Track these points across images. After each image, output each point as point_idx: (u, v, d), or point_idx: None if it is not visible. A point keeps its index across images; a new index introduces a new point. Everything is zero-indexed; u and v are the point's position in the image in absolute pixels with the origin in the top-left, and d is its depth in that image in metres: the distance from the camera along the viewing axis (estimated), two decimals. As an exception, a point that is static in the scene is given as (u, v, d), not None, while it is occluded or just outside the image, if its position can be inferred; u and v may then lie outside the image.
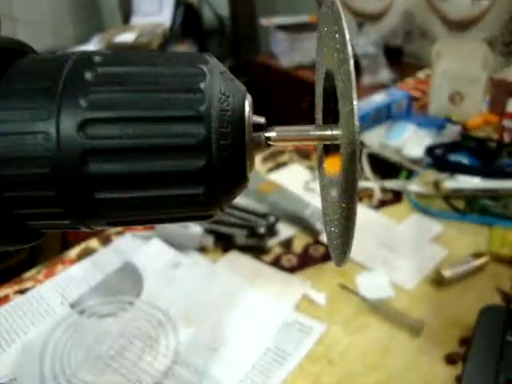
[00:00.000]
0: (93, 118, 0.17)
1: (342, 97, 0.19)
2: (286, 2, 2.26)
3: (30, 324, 0.57)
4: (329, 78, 0.22)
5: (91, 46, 2.20)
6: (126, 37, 2.10)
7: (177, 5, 2.24)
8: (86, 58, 0.18)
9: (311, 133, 0.22)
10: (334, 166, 0.23)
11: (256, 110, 0.22)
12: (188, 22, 2.26)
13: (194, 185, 0.18)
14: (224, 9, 2.26)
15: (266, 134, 0.21)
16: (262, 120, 0.21)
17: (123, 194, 0.18)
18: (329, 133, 0.21)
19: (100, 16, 2.57)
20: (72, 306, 0.59)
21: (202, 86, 0.18)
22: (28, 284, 0.62)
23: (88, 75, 0.18)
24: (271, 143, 0.22)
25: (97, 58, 0.18)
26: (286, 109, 2.00)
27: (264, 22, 2.03)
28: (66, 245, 1.26)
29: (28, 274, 0.64)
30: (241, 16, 2.27)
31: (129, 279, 0.63)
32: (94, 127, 0.17)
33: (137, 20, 2.31)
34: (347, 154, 0.19)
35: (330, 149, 0.24)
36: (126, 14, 2.36)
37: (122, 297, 0.60)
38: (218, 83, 0.19)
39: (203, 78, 0.18)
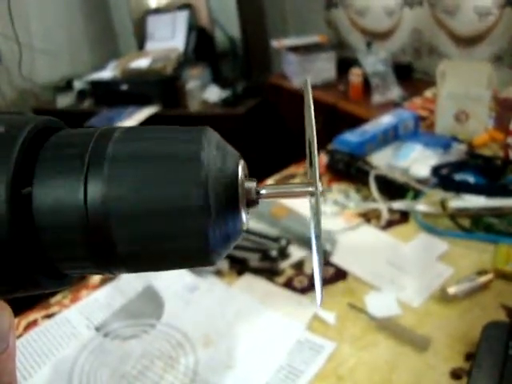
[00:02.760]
0: (113, 189, 0.21)
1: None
2: (296, 23, 2.32)
3: (58, 346, 0.61)
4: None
5: (107, 72, 2.27)
6: (141, 63, 2.17)
7: (189, 29, 2.30)
8: (106, 135, 0.22)
9: (297, 190, 0.25)
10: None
11: (269, 130, 0.26)
12: (201, 46, 2.32)
13: (196, 240, 0.22)
14: (236, 32, 2.32)
15: (258, 191, 0.25)
16: (253, 184, 0.25)
17: (139, 248, 0.22)
18: (307, 189, 0.25)
19: (116, 42, 2.65)
20: (97, 329, 0.63)
21: (201, 156, 0.22)
22: (55, 309, 0.66)
23: (109, 150, 0.22)
24: (263, 199, 0.25)
25: (116, 135, 0.22)
26: (299, 128, 2.03)
27: (275, 43, 2.08)
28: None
29: (54, 299, 0.68)
30: (252, 38, 2.33)
31: (150, 303, 0.66)
32: (114, 196, 0.21)
33: (151, 45, 2.38)
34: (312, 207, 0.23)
35: None
36: (141, 39, 2.43)
37: (144, 320, 0.64)
38: (215, 152, 0.23)
39: (202, 148, 0.22)
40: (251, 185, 0.24)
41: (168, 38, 2.35)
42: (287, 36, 2.14)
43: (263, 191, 0.25)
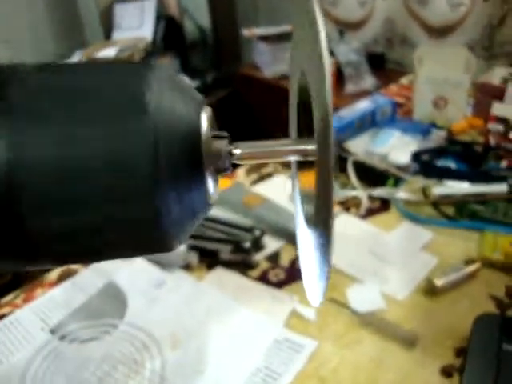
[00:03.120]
0: (20, 138, 0.15)
1: (316, 108, 0.17)
2: (267, 13, 2.26)
3: (8, 353, 0.55)
4: (303, 91, 0.20)
5: (73, 61, 2.18)
6: (108, 52, 2.08)
7: (158, 18, 2.23)
8: (11, 76, 0.16)
9: (284, 148, 0.20)
10: (309, 181, 0.21)
11: (239, 122, 0.20)
12: (170, 36, 2.25)
13: (143, 217, 0.16)
14: (206, 21, 2.25)
15: (231, 151, 0.19)
16: (223, 140, 0.19)
17: (58, 218, 0.16)
18: (303, 147, 0.19)
19: (82, 32, 2.55)
20: (52, 331, 0.56)
21: (146, 97, 0.16)
22: (5, 309, 0.60)
23: (13, 97, 0.16)
24: (237, 162, 0.20)
25: (23, 69, 0.16)
26: (270, 119, 1.99)
27: (246, 32, 2.02)
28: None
29: (5, 300, 0.61)
30: (222, 28, 2.27)
31: (112, 300, 0.60)
32: (24, 146, 0.15)
33: (118, 35, 2.29)
34: (324, 168, 0.17)
35: (304, 164, 0.23)
36: (108, 29, 2.35)
37: (105, 320, 0.58)
38: (167, 93, 0.17)
39: (148, 87, 0.16)
40: (220, 141, 0.19)
41: (136, 27, 2.28)
42: (258, 26, 2.09)
43: (237, 150, 0.19)
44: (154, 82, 0.16)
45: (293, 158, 0.20)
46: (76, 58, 2.21)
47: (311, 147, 0.19)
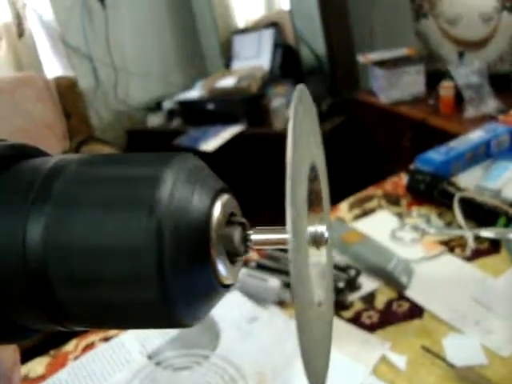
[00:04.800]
0: (55, 223, 0.18)
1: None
2: (384, 37, 2.23)
3: (111, 371, 0.59)
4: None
5: (195, 91, 2.33)
6: (227, 82, 2.19)
7: (275, 47, 2.30)
8: (55, 174, 0.19)
9: (280, 236, 0.20)
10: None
11: (357, 148, 0.21)
12: (286, 64, 2.30)
13: (152, 306, 0.18)
14: (322, 48, 2.28)
15: (245, 238, 0.20)
16: (237, 228, 0.20)
17: (81, 292, 0.18)
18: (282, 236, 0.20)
19: (203, 63, 2.71)
20: (149, 356, 0.60)
21: (156, 191, 0.18)
22: (112, 332, 0.65)
23: (56, 189, 0.18)
24: (252, 247, 0.20)
25: (67, 171, 0.19)
26: (388, 146, 1.94)
27: (361, 58, 2.01)
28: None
29: (113, 324, 0.66)
30: (338, 54, 2.27)
31: (206, 332, 0.63)
32: (55, 232, 0.18)
33: (237, 64, 2.40)
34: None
35: None
36: (228, 59, 2.47)
37: (198, 350, 0.60)
38: (180, 186, 0.18)
39: (160, 181, 0.18)
40: (234, 229, 0.20)
41: (254, 56, 2.37)
42: (375, 50, 2.06)
43: (252, 237, 0.20)
44: (170, 176, 0.18)
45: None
46: (198, 87, 2.35)
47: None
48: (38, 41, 2.05)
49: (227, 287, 0.20)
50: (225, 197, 0.20)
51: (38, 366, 0.62)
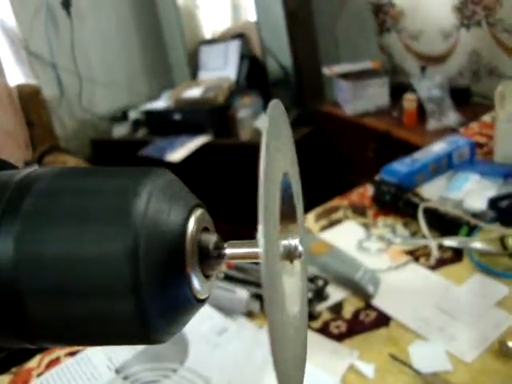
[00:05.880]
0: (26, 237, 0.17)
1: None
2: (348, 50, 2.27)
3: (77, 389, 0.58)
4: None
5: (161, 101, 2.32)
6: (193, 92, 2.19)
7: (242, 58, 2.32)
8: (26, 187, 0.19)
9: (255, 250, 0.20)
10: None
11: (322, 159, 0.21)
12: (253, 75, 2.32)
13: (128, 322, 0.18)
14: (288, 60, 2.30)
15: (219, 253, 0.20)
16: (213, 238, 0.20)
17: (55, 306, 0.18)
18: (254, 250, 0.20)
19: (170, 73, 2.71)
20: (117, 371, 0.59)
21: (132, 205, 0.18)
22: (78, 346, 0.64)
23: (26, 204, 0.18)
24: (227, 261, 0.20)
25: (38, 184, 0.19)
26: (352, 157, 1.98)
27: (326, 71, 2.04)
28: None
29: (78, 338, 0.65)
30: (304, 66, 2.30)
31: (174, 345, 0.62)
32: (26, 247, 0.17)
33: (204, 75, 2.40)
34: None
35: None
36: (194, 70, 2.47)
37: (166, 363, 0.59)
38: (155, 201, 0.18)
39: (136, 196, 0.18)
40: (209, 242, 0.20)
41: (220, 67, 2.38)
42: (340, 63, 2.10)
43: (226, 251, 0.20)
44: (145, 189, 0.18)
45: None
46: (164, 97, 2.34)
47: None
48: (-1, 47, 2.00)
49: (202, 302, 0.20)
50: (199, 211, 0.20)
51: (-1, 383, 0.60)
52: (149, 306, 0.18)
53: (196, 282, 0.19)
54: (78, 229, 0.17)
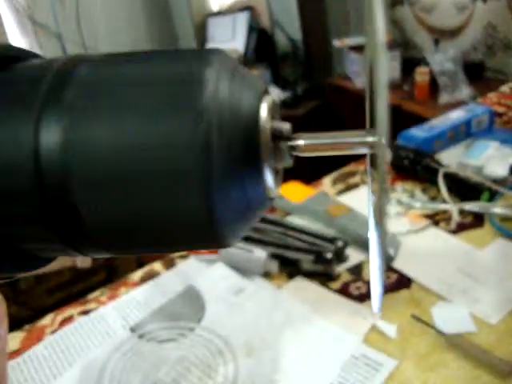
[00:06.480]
0: (73, 134, 0.15)
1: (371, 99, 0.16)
2: (358, 22, 2.23)
3: (91, 345, 0.57)
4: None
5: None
6: (201, 64, 2.15)
7: (250, 31, 2.27)
8: (69, 72, 0.17)
9: (349, 139, 0.18)
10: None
11: (330, 131, 0.19)
12: (261, 47, 2.28)
13: (194, 210, 0.16)
14: (297, 32, 2.26)
15: (291, 143, 0.18)
16: (286, 127, 0.18)
17: (110, 201, 0.16)
18: (370, 139, 0.18)
19: (177, 45, 2.66)
20: (132, 329, 0.58)
21: (201, 87, 0.16)
22: (91, 305, 0.63)
23: (70, 90, 0.16)
24: (300, 154, 0.19)
25: (81, 70, 0.17)
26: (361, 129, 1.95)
27: (337, 43, 2.01)
28: (142, 267, 1.29)
29: (92, 296, 0.64)
30: (313, 39, 2.26)
31: (191, 304, 0.61)
32: (75, 144, 0.15)
33: (211, 47, 2.37)
34: (378, 162, 0.16)
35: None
36: (202, 41, 2.43)
37: (183, 322, 0.58)
38: (225, 83, 0.16)
39: (205, 77, 0.16)
40: (281, 128, 0.18)
41: (228, 39, 2.34)
42: (350, 36, 2.06)
43: (300, 142, 0.18)
44: (213, 71, 0.16)
45: (360, 151, 0.19)
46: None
47: (372, 139, 0.18)
48: (3, 17, 1.96)
49: (271, 200, 0.19)
50: (269, 98, 0.18)
51: (12, 340, 0.59)
52: (220, 200, 0.16)
53: (269, 176, 0.17)
54: (138, 118, 0.15)
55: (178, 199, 0.15)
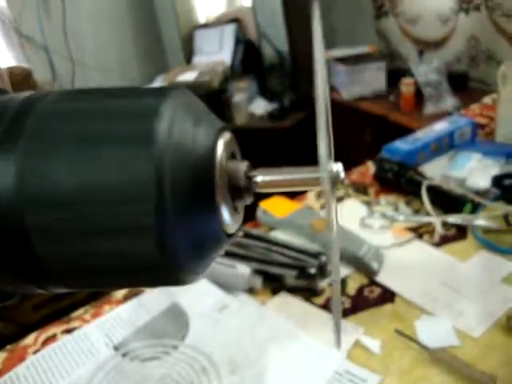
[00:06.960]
0: (31, 165, 0.15)
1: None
2: (345, 34, 2.25)
3: (74, 364, 0.56)
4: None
5: (155, 86, 2.28)
6: (187, 76, 2.16)
7: (237, 42, 2.29)
8: (30, 104, 0.16)
9: (304, 176, 0.19)
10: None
11: (316, 143, 0.19)
12: (248, 59, 2.29)
13: (148, 250, 0.16)
14: (283, 44, 2.28)
15: (250, 178, 0.18)
16: (243, 166, 0.18)
17: (66, 246, 0.16)
18: (312, 176, 0.18)
19: (164, 58, 2.67)
20: (116, 348, 0.58)
21: (154, 126, 0.15)
22: (75, 323, 0.62)
23: (30, 123, 0.16)
24: (257, 190, 0.19)
25: (42, 105, 0.16)
26: (349, 142, 1.96)
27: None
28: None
29: (75, 314, 0.63)
30: (300, 51, 2.27)
31: (175, 321, 0.61)
32: (31, 176, 0.15)
33: (199, 59, 2.37)
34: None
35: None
36: (189, 54, 2.44)
37: (167, 340, 0.58)
38: (179, 122, 0.16)
39: (158, 116, 0.16)
40: (238, 167, 0.18)
41: (215, 51, 2.35)
42: (336, 47, 2.08)
43: (259, 178, 0.18)
44: (167, 110, 0.16)
45: (306, 188, 0.19)
46: (158, 82, 2.31)
47: (318, 175, 0.18)
48: (-11, 29, 1.95)
49: (230, 237, 0.19)
50: (227, 135, 0.18)
51: (-7, 361, 0.58)
52: (174, 238, 0.16)
53: (226, 214, 0.17)
54: (92, 155, 0.15)
55: (131, 238, 0.15)
